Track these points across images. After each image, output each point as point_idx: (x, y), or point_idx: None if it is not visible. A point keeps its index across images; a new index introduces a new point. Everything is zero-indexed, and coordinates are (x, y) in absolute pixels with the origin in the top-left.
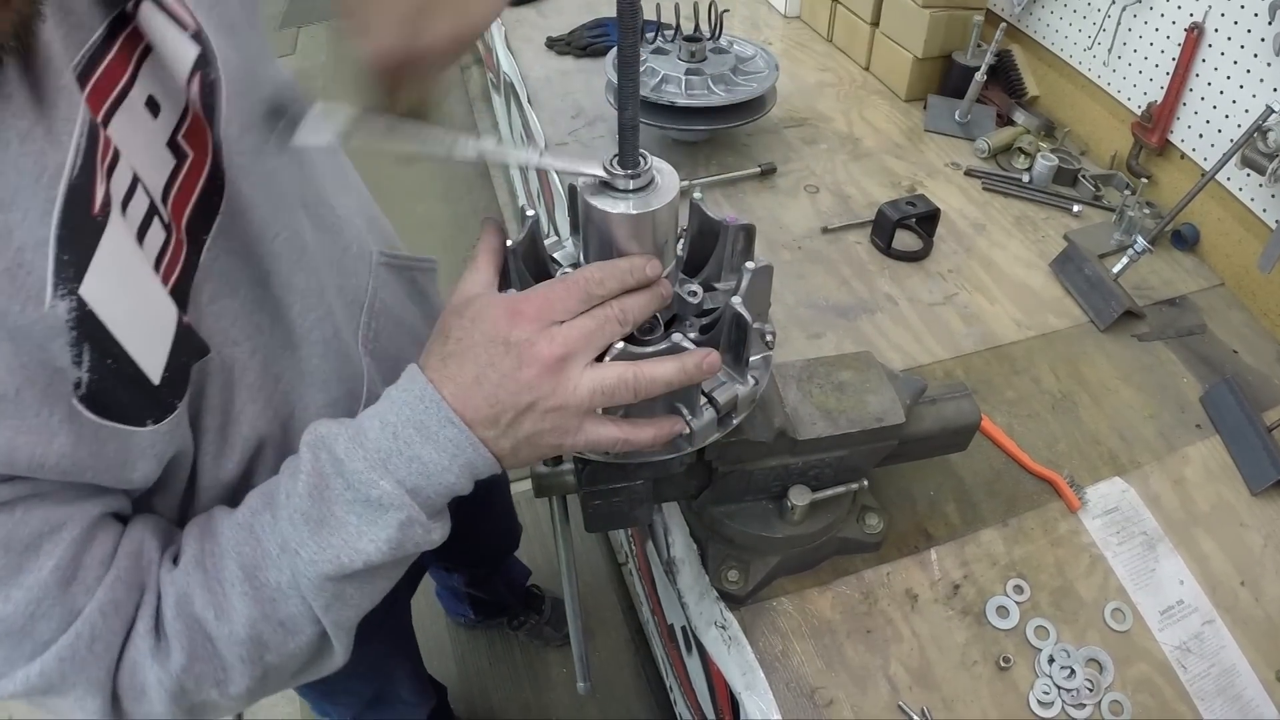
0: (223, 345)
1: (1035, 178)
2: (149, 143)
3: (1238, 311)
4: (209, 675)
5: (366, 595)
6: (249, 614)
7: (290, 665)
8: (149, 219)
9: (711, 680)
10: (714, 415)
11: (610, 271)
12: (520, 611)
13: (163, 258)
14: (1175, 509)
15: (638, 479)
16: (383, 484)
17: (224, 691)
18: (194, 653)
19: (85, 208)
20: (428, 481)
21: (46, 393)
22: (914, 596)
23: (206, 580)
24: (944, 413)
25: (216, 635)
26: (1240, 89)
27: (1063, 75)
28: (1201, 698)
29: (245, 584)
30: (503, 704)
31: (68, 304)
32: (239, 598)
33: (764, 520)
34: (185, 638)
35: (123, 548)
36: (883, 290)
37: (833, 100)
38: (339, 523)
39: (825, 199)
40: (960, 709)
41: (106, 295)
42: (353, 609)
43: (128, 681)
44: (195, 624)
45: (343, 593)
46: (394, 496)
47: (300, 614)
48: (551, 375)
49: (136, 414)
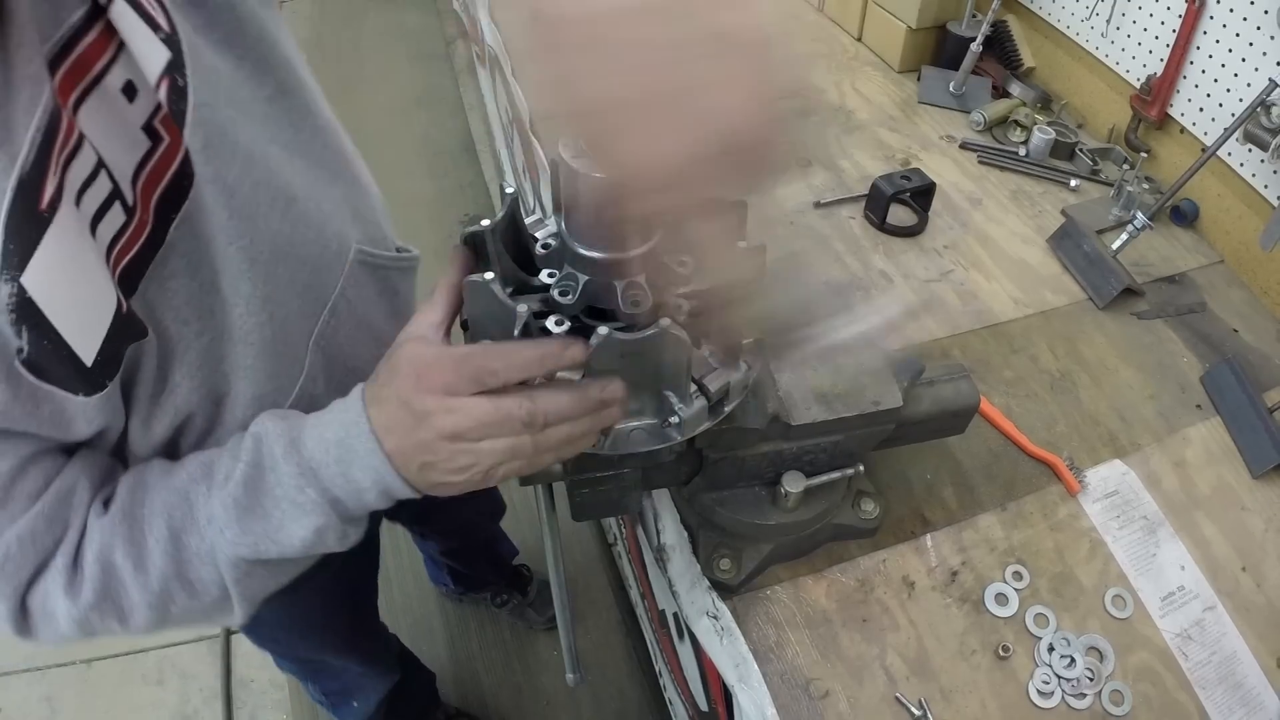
0: (173, 322)
1: (1032, 151)
2: (123, 126)
3: (1238, 289)
4: (113, 613)
5: (275, 577)
6: (165, 570)
7: (190, 617)
8: (109, 203)
9: (704, 668)
10: (705, 404)
11: (508, 360)
12: (503, 589)
13: (119, 238)
14: (1176, 492)
15: (625, 467)
16: (309, 491)
17: (125, 626)
18: (104, 594)
19: (34, 202)
20: (348, 496)
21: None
22: (911, 584)
23: (131, 533)
24: (942, 395)
25: (130, 583)
26: (1242, 62)
27: (1060, 46)
28: (1203, 686)
29: (169, 543)
30: (494, 687)
31: (9, 289)
32: (160, 554)
33: (757, 507)
34: (99, 580)
35: (54, 486)
36: (877, 266)
37: (824, 71)
38: (264, 514)
39: (818, 173)
40: (959, 700)
41: (46, 285)
42: (259, 586)
43: (39, 604)
44: (112, 570)
45: (254, 572)
46: (316, 505)
47: (211, 580)
48: (448, 444)
49: (71, 385)
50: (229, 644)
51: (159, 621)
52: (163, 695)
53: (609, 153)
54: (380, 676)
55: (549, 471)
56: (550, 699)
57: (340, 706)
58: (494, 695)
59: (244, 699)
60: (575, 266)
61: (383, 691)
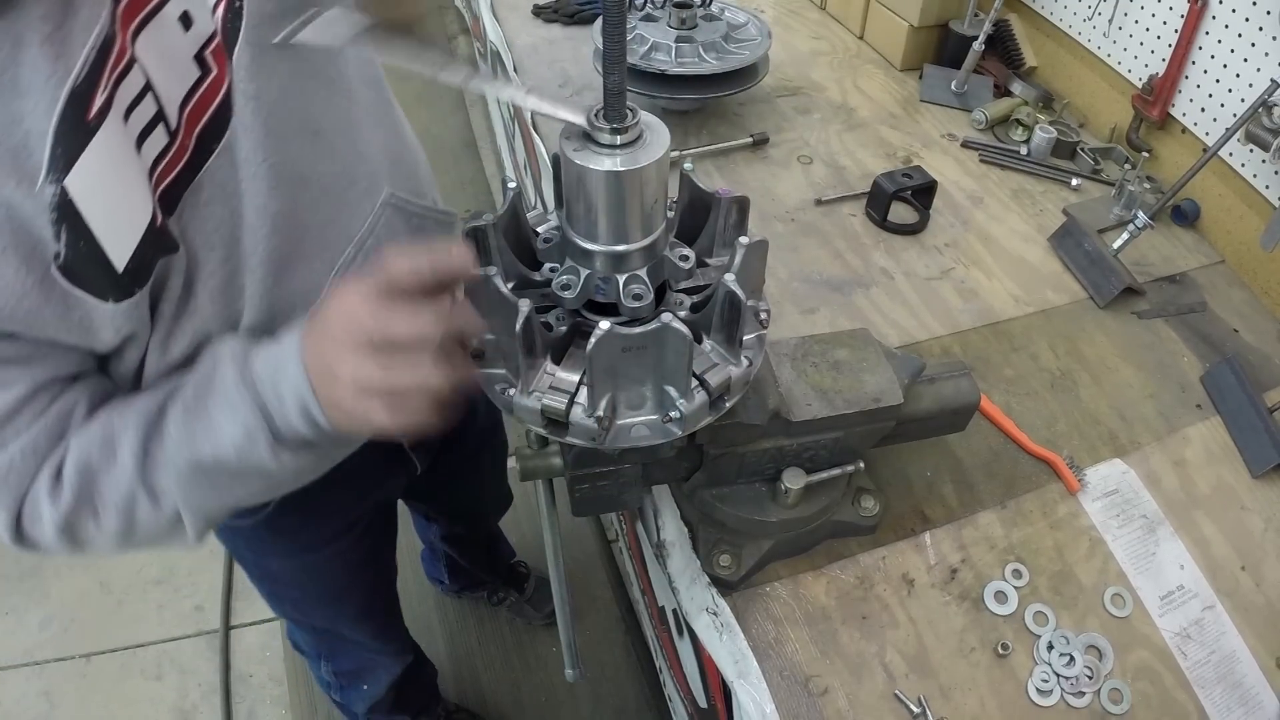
0: (201, 246)
1: (1033, 150)
2: (176, 55)
3: (1238, 289)
4: (89, 515)
5: (218, 492)
6: (131, 474)
7: (151, 528)
8: (153, 124)
9: (703, 665)
10: (705, 398)
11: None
12: (500, 588)
13: (161, 160)
14: (1175, 491)
15: (626, 463)
16: (244, 393)
17: (100, 529)
18: (80, 496)
19: (83, 111)
20: (276, 410)
21: (28, 258)
22: (910, 581)
23: (107, 440)
24: (942, 392)
25: (101, 483)
26: (1244, 63)
27: (1062, 46)
28: (1201, 685)
29: (139, 448)
30: (492, 684)
31: (53, 189)
32: (129, 458)
33: (757, 503)
34: (77, 483)
35: (55, 406)
36: (878, 264)
37: (826, 69)
38: (206, 413)
39: (819, 170)
40: (958, 697)
41: (87, 189)
42: (203, 498)
43: (30, 510)
44: (88, 472)
45: (197, 480)
46: (248, 406)
47: (167, 488)
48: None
49: (102, 290)
50: (228, 639)
51: (128, 530)
52: (161, 690)
53: None
54: (392, 657)
55: (550, 466)
56: (549, 695)
57: (349, 689)
58: (493, 691)
59: (243, 694)
60: (577, 260)
61: (395, 673)
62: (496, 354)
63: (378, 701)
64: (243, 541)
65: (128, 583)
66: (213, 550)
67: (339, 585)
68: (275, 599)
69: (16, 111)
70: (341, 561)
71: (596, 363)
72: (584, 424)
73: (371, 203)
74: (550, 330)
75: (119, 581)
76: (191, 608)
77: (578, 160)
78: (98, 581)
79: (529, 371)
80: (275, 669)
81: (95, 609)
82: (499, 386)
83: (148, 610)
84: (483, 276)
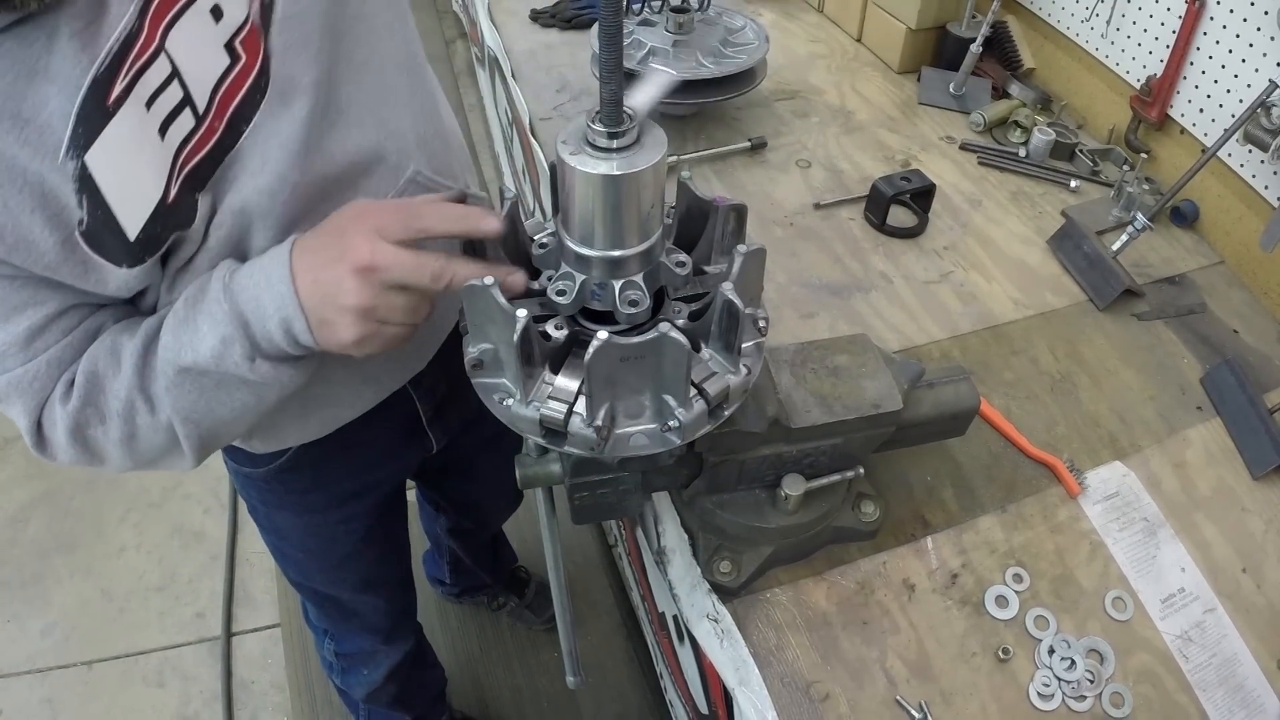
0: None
1: (1032, 152)
2: (206, 44)
3: (1238, 290)
4: (95, 417)
5: (204, 396)
6: (130, 379)
7: (151, 439)
8: (179, 109)
9: (704, 672)
10: (704, 407)
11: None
12: (501, 592)
13: (188, 141)
14: (1176, 493)
15: (624, 471)
16: (224, 304)
17: (106, 435)
18: (87, 398)
19: (103, 97)
20: (255, 319)
21: (53, 220)
22: (911, 586)
23: (113, 349)
24: (942, 397)
25: (106, 388)
26: (1242, 63)
27: (1059, 48)
28: (1203, 688)
29: (138, 358)
30: (493, 689)
31: (74, 164)
32: (129, 366)
33: (757, 510)
34: (85, 387)
35: (84, 324)
36: (877, 268)
37: (824, 72)
38: (192, 323)
39: (817, 174)
40: (959, 702)
41: (104, 165)
42: (188, 404)
43: (47, 414)
44: (94, 378)
45: (183, 386)
46: (227, 316)
47: (160, 395)
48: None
49: (116, 257)
50: (230, 646)
51: (130, 438)
52: (163, 697)
53: None
54: (393, 642)
55: (550, 474)
56: (551, 701)
57: (349, 672)
58: (494, 697)
59: (244, 701)
60: (573, 266)
61: (394, 660)
62: (495, 363)
63: (376, 690)
64: (255, 493)
65: (129, 590)
66: (214, 556)
67: (342, 553)
68: (281, 556)
69: (46, 95)
70: (346, 529)
71: (594, 372)
72: (583, 433)
73: (397, 179)
74: (548, 339)
75: (120, 589)
76: (193, 615)
77: (573, 164)
78: (99, 589)
79: (527, 381)
80: (277, 676)
81: (97, 616)
82: (497, 396)
83: (149, 617)
84: (480, 286)
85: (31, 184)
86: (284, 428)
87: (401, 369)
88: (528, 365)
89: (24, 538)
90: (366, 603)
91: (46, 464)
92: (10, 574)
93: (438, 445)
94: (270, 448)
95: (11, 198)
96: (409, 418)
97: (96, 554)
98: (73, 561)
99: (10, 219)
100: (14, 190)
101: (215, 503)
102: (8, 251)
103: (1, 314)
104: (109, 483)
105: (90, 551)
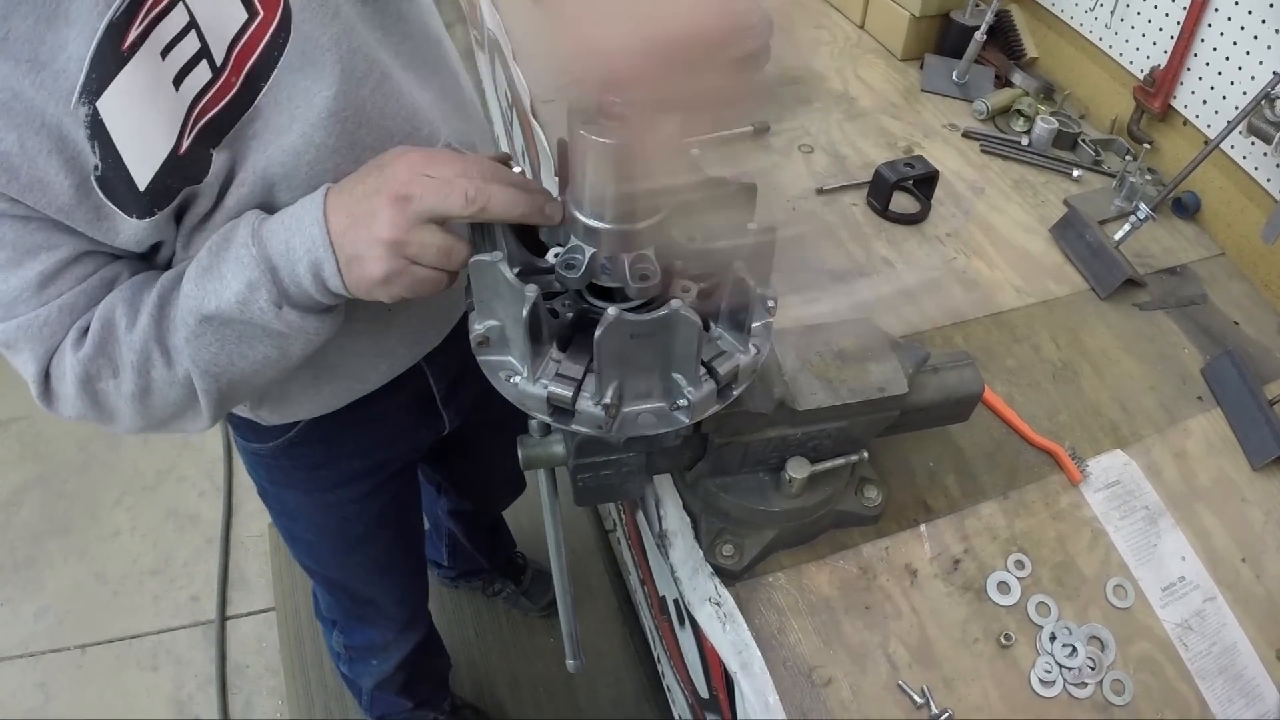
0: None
1: (1035, 141)
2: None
3: (1239, 282)
4: (107, 368)
5: (224, 349)
6: (147, 330)
7: (166, 393)
8: (195, 60)
9: (705, 656)
10: (713, 387)
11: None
12: (497, 578)
13: (204, 94)
14: (1176, 483)
15: (629, 452)
16: (251, 248)
17: (118, 388)
18: (100, 347)
19: (118, 43)
20: (283, 263)
21: (68, 163)
22: (913, 572)
23: (132, 299)
24: (946, 382)
25: (121, 339)
26: (1246, 55)
27: (1063, 37)
28: (1202, 677)
29: (156, 308)
30: (490, 674)
31: (86, 109)
32: (146, 316)
33: (760, 493)
34: (99, 335)
35: (100, 273)
36: (880, 254)
37: (826, 58)
38: (217, 271)
39: (820, 159)
40: (961, 688)
41: (115, 111)
42: (209, 354)
43: (56, 363)
44: (110, 326)
45: (204, 334)
46: (254, 260)
47: (179, 347)
48: (392, 207)
49: (127, 206)
50: (224, 630)
51: (144, 392)
52: (157, 681)
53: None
54: (405, 631)
55: (552, 455)
56: (546, 686)
57: (357, 662)
58: (490, 682)
59: (239, 685)
60: (582, 239)
61: (405, 650)
62: (501, 341)
63: (385, 679)
64: (264, 470)
65: (123, 573)
66: (209, 539)
67: (355, 534)
68: (292, 540)
69: (64, 38)
70: (358, 508)
71: (604, 349)
72: (591, 412)
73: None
74: (556, 317)
75: (114, 572)
76: (187, 598)
77: (586, 133)
78: (93, 572)
79: (535, 359)
80: (271, 660)
81: (90, 600)
82: (503, 374)
83: (143, 601)
84: (487, 262)
85: (50, 126)
86: (295, 397)
87: (418, 343)
88: (536, 343)
89: (17, 521)
90: (381, 590)
91: (40, 447)
92: (3, 557)
93: (450, 426)
94: (280, 419)
95: (29, 139)
96: (422, 396)
97: (90, 537)
98: (66, 545)
99: (27, 160)
100: (31, 132)
101: (210, 486)
102: (22, 191)
103: (14, 257)
104: (103, 465)
105: (84, 535)
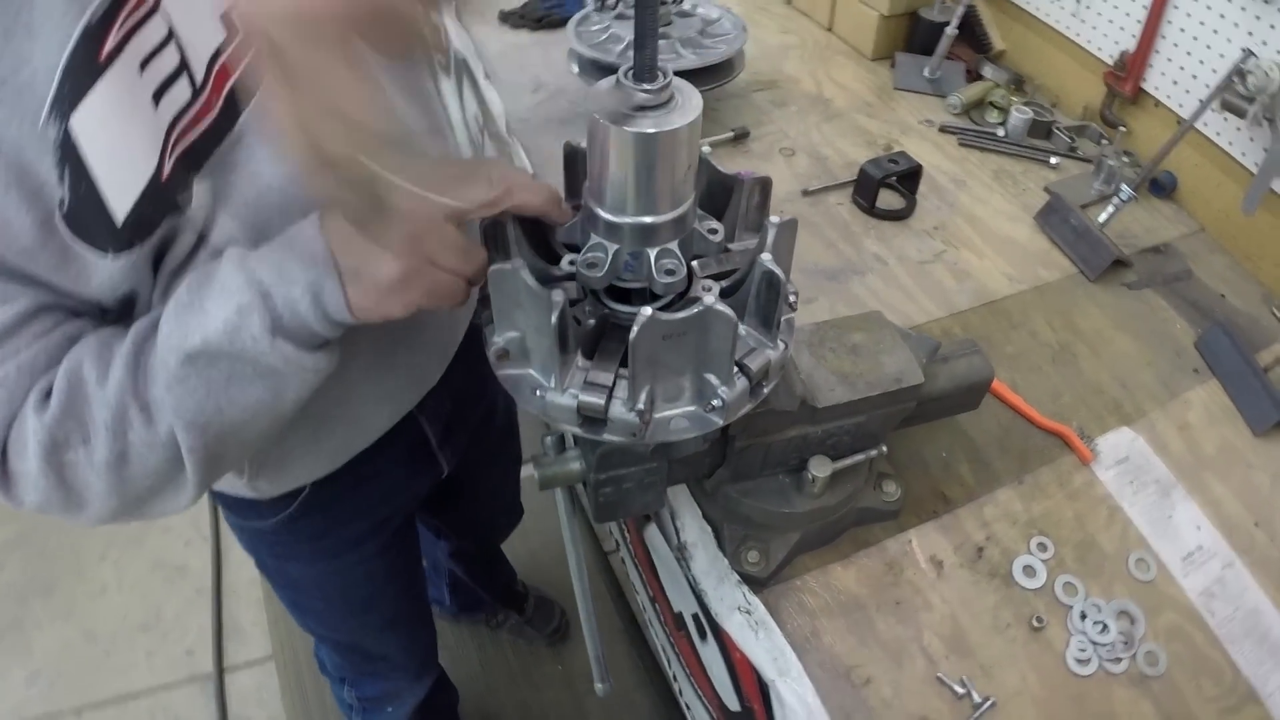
0: (223, 207)
1: (1010, 131)
2: (204, 12)
3: (1220, 255)
4: (77, 433)
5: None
6: (121, 383)
7: (147, 460)
8: (174, 77)
9: (734, 667)
10: (746, 385)
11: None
12: (499, 610)
13: (182, 116)
14: (1183, 454)
15: (652, 461)
16: (238, 276)
17: (89, 457)
18: (67, 408)
19: (94, 52)
20: (277, 284)
21: (30, 199)
22: (939, 563)
23: (100, 350)
24: (957, 370)
25: (91, 396)
26: (1214, 34)
27: (1030, 28)
28: (1231, 641)
29: (130, 358)
30: (499, 706)
31: (57, 127)
32: (120, 368)
33: (782, 495)
34: (65, 394)
35: (62, 328)
36: (870, 250)
37: (798, 62)
38: (199, 306)
39: (802, 161)
40: (999, 674)
41: (90, 130)
42: (195, 401)
43: (16, 433)
44: (78, 382)
45: (188, 377)
46: (242, 286)
47: (160, 399)
48: None
49: (101, 242)
50: (223, 682)
51: (120, 460)
52: None
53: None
54: (418, 679)
55: (570, 472)
56: (559, 714)
57: (371, 712)
58: (500, 715)
59: None
60: (603, 237)
61: (419, 697)
62: (521, 353)
63: None
64: (265, 546)
65: (113, 630)
66: (199, 589)
67: (363, 595)
68: (299, 610)
69: (27, 52)
70: (365, 570)
71: (638, 352)
72: (624, 419)
73: None
74: (579, 324)
75: (104, 630)
76: (182, 652)
77: (608, 123)
78: (82, 631)
79: (562, 369)
80: (274, 710)
81: (82, 660)
82: (528, 388)
83: (136, 658)
84: (507, 270)
85: (7, 154)
86: (295, 457)
87: (420, 381)
88: (563, 351)
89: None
90: (391, 642)
91: None
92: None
93: (448, 468)
94: (279, 488)
95: None
96: (418, 444)
97: (77, 595)
98: (52, 605)
99: None
100: None
101: (196, 535)
102: None
103: None
104: None
105: (70, 593)
